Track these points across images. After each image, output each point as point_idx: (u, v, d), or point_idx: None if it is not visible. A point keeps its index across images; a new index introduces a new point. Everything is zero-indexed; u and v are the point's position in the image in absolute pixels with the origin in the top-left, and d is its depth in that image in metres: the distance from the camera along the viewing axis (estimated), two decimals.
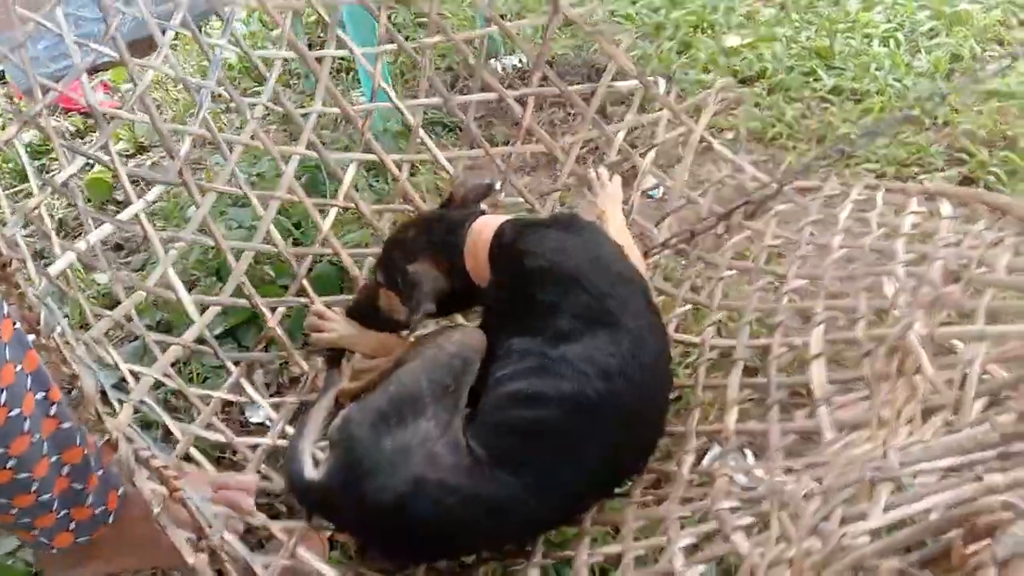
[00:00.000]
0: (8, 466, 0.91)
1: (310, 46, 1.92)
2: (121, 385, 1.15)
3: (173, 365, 1.20)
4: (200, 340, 1.24)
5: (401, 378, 1.05)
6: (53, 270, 1.08)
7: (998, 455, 0.66)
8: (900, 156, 1.73)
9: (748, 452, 1.13)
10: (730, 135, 1.90)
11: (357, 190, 1.54)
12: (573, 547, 1.01)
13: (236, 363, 1.28)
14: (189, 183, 1.31)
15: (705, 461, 1.09)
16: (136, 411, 1.11)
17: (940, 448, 0.75)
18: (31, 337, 0.91)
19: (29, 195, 1.80)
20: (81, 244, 1.16)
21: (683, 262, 1.42)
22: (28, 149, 1.97)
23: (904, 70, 1.91)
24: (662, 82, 1.49)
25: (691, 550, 0.89)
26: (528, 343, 1.02)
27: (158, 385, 1.19)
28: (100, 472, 1.02)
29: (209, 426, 1.15)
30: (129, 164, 2.02)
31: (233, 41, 1.42)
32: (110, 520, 1.04)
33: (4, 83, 2.35)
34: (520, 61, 2.08)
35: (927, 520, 0.64)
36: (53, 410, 0.95)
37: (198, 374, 1.40)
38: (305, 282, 1.37)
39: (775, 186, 1.35)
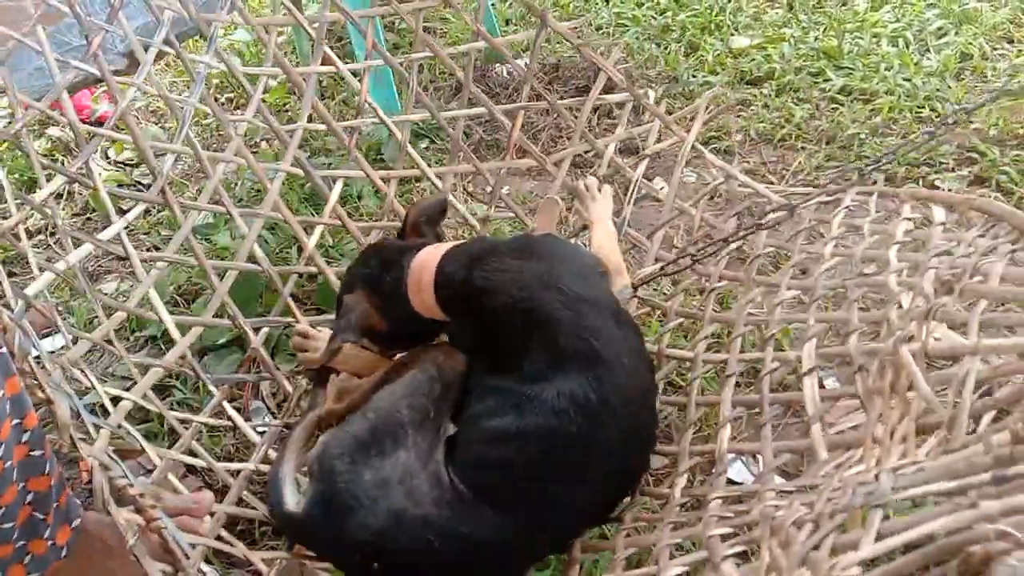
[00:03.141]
0: None
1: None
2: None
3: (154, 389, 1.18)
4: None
5: (380, 404, 1.02)
6: (30, 291, 1.06)
7: (992, 479, 0.63)
8: (911, 156, 1.70)
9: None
10: (738, 137, 1.86)
11: (344, 207, 1.52)
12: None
13: (218, 385, 1.26)
14: (171, 202, 1.30)
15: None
16: (115, 436, 1.08)
17: (933, 471, 0.72)
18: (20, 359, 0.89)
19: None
20: (60, 264, 1.14)
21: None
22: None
23: (913, 69, 1.88)
24: (651, 93, 1.46)
25: None
26: (501, 381, 0.99)
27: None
28: (56, 504, 0.97)
29: (189, 451, 1.13)
30: (134, 173, 2.01)
31: (218, 58, 1.40)
32: (62, 555, 0.97)
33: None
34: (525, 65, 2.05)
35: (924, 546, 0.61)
36: (25, 437, 0.91)
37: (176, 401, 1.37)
38: (290, 301, 1.35)
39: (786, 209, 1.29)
